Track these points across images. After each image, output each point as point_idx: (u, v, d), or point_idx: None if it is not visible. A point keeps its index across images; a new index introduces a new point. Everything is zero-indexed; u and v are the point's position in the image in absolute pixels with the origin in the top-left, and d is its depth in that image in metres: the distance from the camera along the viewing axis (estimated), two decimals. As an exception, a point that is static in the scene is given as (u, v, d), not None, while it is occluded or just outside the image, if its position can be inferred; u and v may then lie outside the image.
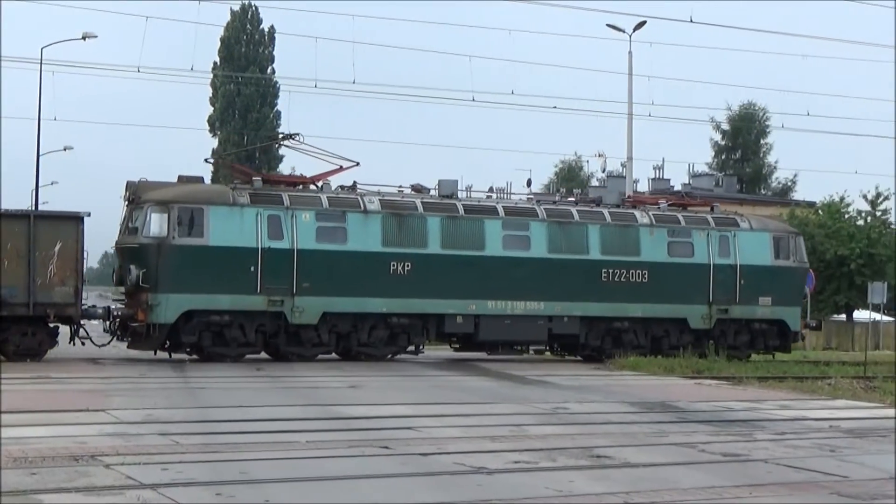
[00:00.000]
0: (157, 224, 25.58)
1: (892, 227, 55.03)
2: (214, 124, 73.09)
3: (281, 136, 28.11)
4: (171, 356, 26.14)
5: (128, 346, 26.62)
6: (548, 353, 30.98)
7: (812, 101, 73.24)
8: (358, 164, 28.51)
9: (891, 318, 51.07)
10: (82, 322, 24.96)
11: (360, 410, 15.41)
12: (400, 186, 29.34)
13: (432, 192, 29.05)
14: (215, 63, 72.14)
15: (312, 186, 27.92)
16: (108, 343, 26.11)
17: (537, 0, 37.64)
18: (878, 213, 54.63)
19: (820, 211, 53.84)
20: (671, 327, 30.06)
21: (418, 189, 29.37)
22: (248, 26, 73.22)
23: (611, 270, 29.33)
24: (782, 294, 31.28)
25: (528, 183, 32.57)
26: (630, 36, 41.47)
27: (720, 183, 69.26)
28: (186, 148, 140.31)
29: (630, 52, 41.78)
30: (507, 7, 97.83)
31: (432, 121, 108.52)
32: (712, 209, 32.18)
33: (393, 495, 9.15)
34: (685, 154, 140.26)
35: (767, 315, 31.10)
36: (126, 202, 26.72)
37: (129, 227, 26.25)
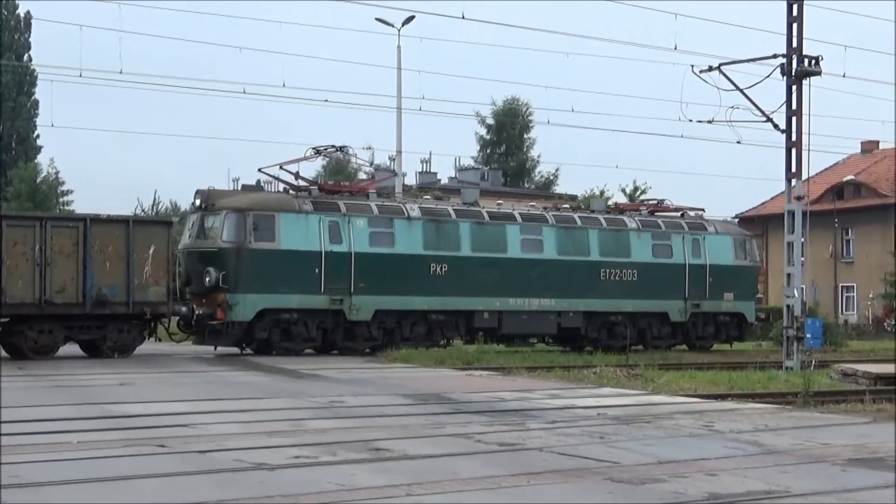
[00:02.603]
0: (235, 229, 27.84)
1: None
2: (-33, 113, 70.00)
3: (331, 148, 31.53)
4: (241, 351, 28.46)
5: (194, 343, 28.71)
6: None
7: (576, 97, 75.34)
8: (396, 174, 33.15)
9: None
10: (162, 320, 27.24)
11: (133, 408, 15.06)
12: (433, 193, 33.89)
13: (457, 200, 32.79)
14: (-33, 49, 69.07)
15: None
16: (186, 339, 28.62)
17: (307, -8, 37.40)
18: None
19: (581, 204, 55.53)
20: (654, 320, 34.21)
21: (438, 198, 32.82)
22: (4, 11, 70.41)
23: (608, 270, 33.22)
24: (741, 290, 35.91)
25: (297, 176, 32.57)
26: (399, 30, 41.83)
27: (486, 177, 70.58)
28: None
29: (399, 47, 42.17)
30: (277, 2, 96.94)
31: (201, 113, 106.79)
32: (683, 215, 36.23)
33: (173, 494, 8.99)
34: (452, 148, 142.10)
35: (730, 309, 35.61)
36: (196, 209, 28.82)
37: (202, 232, 28.38)
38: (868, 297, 62.96)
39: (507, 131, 79.22)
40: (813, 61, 27.28)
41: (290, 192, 29.91)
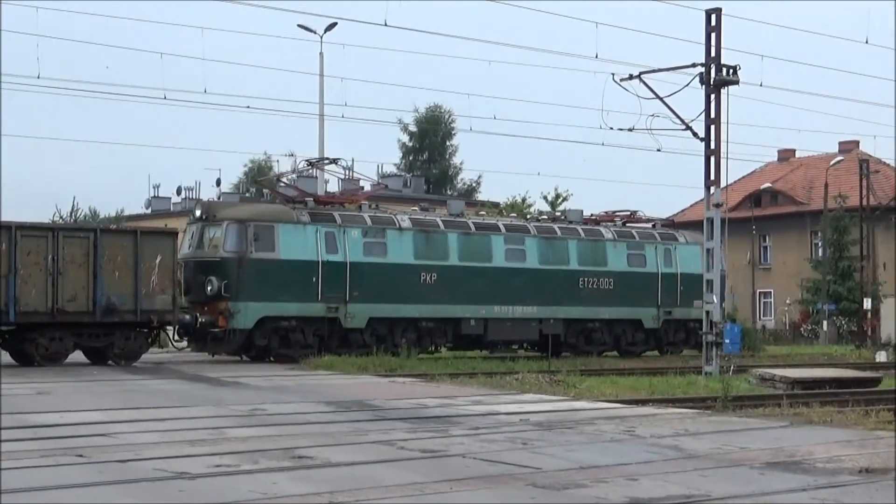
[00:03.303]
0: (236, 239, 28.71)
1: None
2: None
3: (325, 160, 33.64)
4: (241, 358, 29.26)
5: (192, 350, 29.53)
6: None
7: (498, 105, 75.50)
8: (386, 186, 35.79)
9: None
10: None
11: (51, 418, 14.80)
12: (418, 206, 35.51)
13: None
14: None
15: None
16: (186, 347, 29.52)
17: (228, -2, 37.20)
18: (558, 214, 57.15)
19: (503, 211, 55.77)
20: (628, 327, 35.56)
21: (425, 209, 34.23)
22: (-82, 14, 69.13)
23: (586, 279, 34.64)
24: None
25: (218, 182, 32.93)
26: (321, 37, 41.67)
27: (408, 184, 70.56)
28: None
29: (321, 53, 42.00)
30: (199, 5, 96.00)
31: (121, 118, 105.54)
32: (654, 226, 37.93)
33: (92, 505, 8.88)
34: (375, 155, 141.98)
35: (700, 316, 36.26)
36: (196, 219, 29.65)
37: (202, 243, 29.16)
38: (785, 303, 63.98)
39: (430, 138, 79.26)
40: (731, 70, 27.67)
41: (288, 203, 31.03)
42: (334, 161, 33.42)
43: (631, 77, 28.95)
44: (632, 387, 22.29)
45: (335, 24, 41.55)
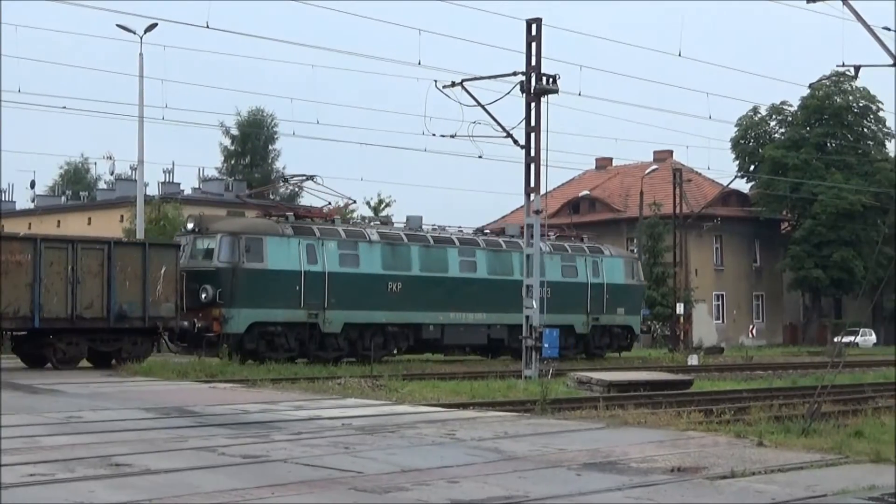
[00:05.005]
0: (230, 251, 31.04)
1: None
2: None
3: (300, 176, 35.88)
4: (220, 358, 29.73)
5: (182, 353, 31.02)
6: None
7: (321, 110, 75.31)
8: (355, 201, 43.39)
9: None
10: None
11: None
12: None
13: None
14: None
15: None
16: (181, 350, 31.11)
17: (44, -5, 36.30)
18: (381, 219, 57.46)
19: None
20: (562, 331, 36.33)
21: (384, 222, 37.21)
22: None
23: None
24: (631, 306, 41.38)
25: (32, 185, 32.42)
26: (141, 38, 40.86)
27: (230, 188, 69.78)
28: None
29: (141, 54, 41.21)
30: (11, 3, 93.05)
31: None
32: (583, 240, 41.91)
33: None
34: (196, 158, 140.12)
35: (622, 322, 40.84)
36: (188, 232, 31.95)
37: (195, 254, 31.42)
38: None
39: (252, 142, 78.54)
40: (550, 80, 28.24)
41: (270, 216, 33.72)
42: (311, 178, 35.20)
43: (453, 84, 29.30)
44: (453, 391, 22.51)
45: (155, 24, 40.77)
